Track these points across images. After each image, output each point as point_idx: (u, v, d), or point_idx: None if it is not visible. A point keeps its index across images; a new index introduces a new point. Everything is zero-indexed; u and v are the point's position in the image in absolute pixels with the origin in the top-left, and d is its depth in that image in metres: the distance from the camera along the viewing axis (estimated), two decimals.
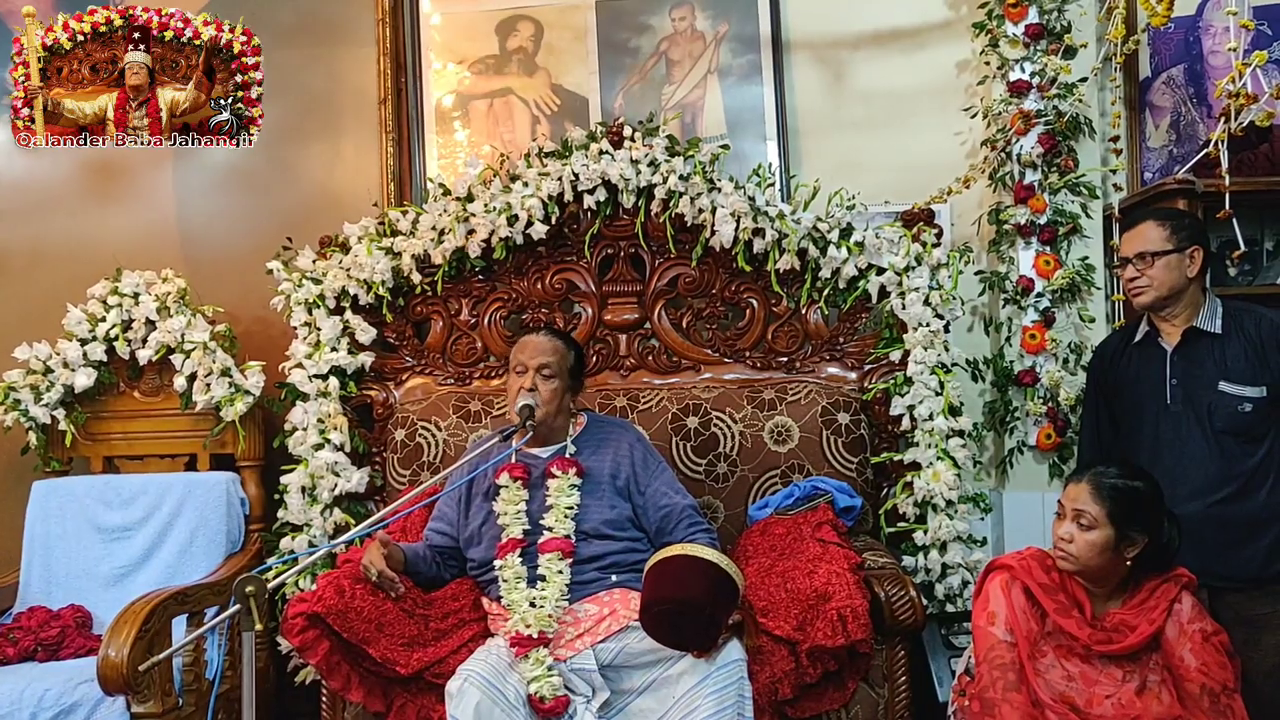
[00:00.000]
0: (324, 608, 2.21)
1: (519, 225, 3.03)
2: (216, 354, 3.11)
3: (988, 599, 2.22)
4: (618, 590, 2.37)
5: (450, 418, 3.00)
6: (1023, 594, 2.19)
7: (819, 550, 2.48)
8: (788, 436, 2.92)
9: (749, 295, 3.12)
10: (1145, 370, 2.51)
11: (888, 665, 2.36)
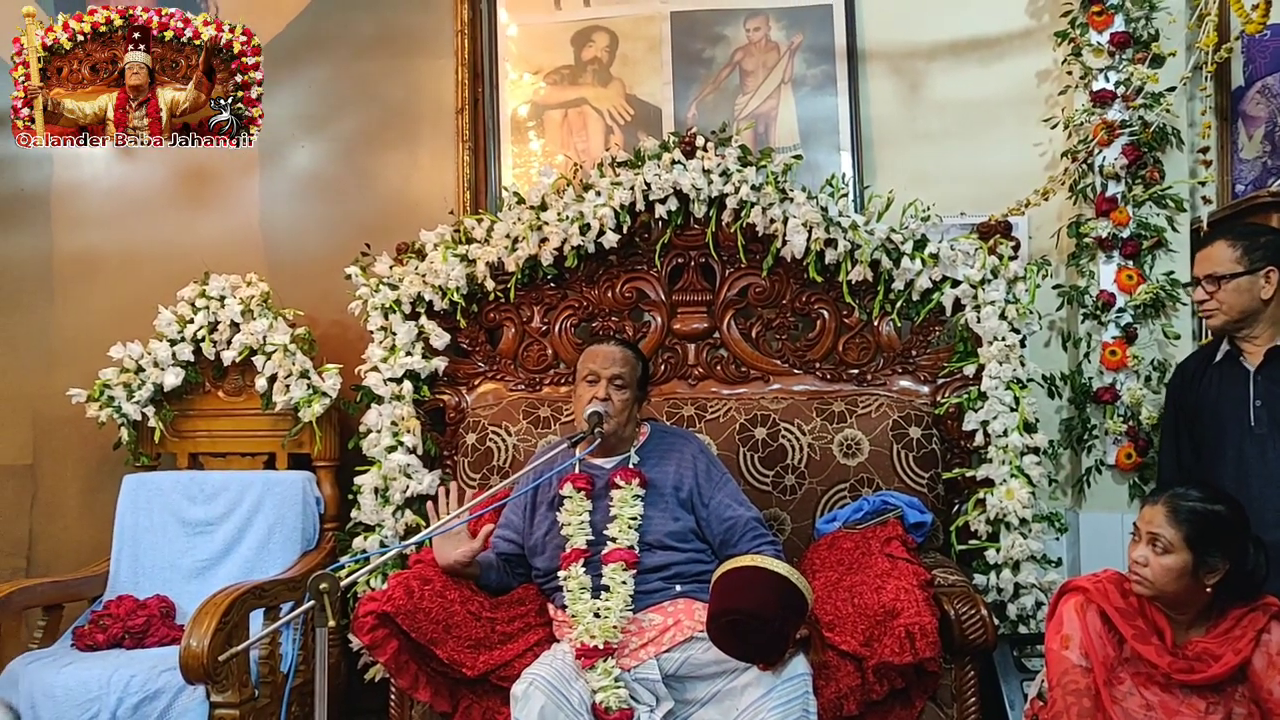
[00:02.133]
0: (393, 607, 2.25)
1: (591, 234, 3.05)
2: (296, 356, 3.19)
3: (1061, 621, 2.16)
4: (682, 600, 2.37)
5: (520, 423, 3.04)
6: (1099, 618, 2.13)
7: (887, 566, 2.44)
8: (857, 450, 2.89)
9: (820, 306, 3.10)
10: (1227, 391, 2.43)
11: (957, 685, 2.32)
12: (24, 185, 3.66)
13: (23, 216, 3.66)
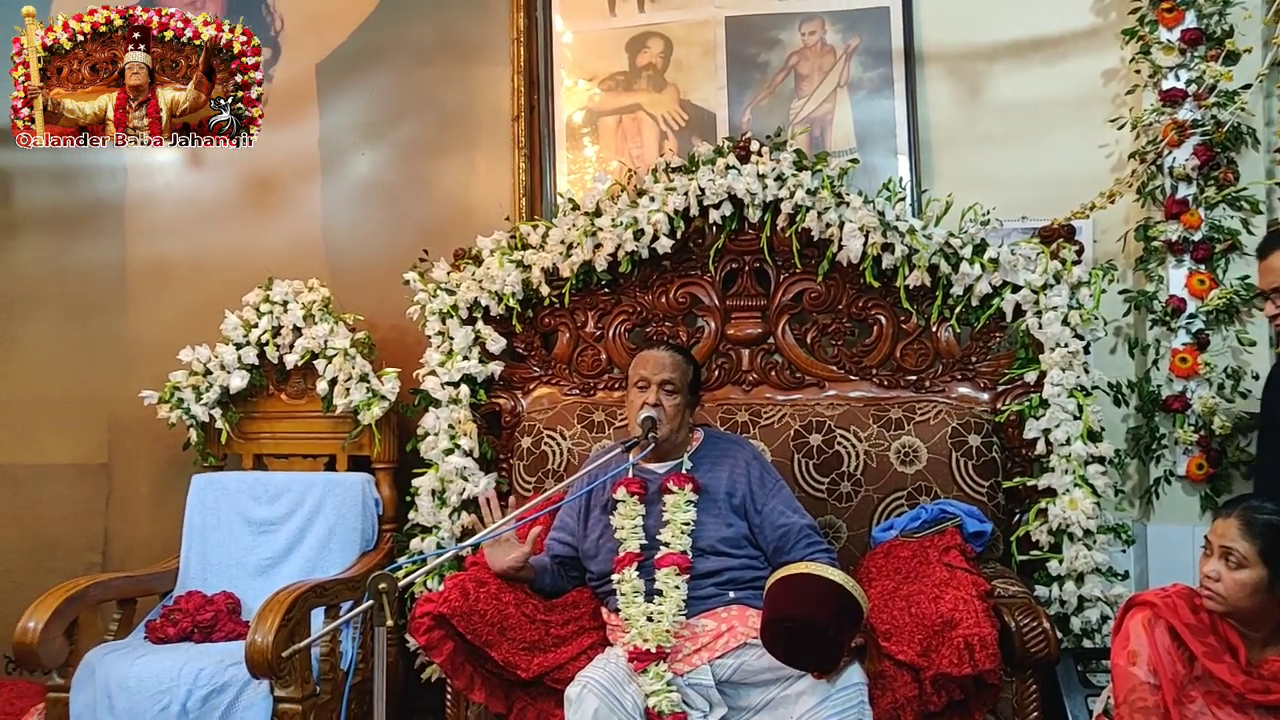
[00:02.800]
0: (449, 609, 2.27)
1: (645, 239, 3.06)
2: (356, 360, 3.25)
3: (1128, 637, 2.11)
4: (735, 606, 2.36)
5: (575, 427, 3.06)
6: (1168, 634, 2.07)
7: (946, 575, 2.41)
8: (915, 457, 2.85)
9: (877, 311, 3.07)
10: None
11: (1018, 699, 2.27)
12: (100, 195, 3.78)
13: (99, 226, 3.79)
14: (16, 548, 3.76)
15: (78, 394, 3.76)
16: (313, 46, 3.66)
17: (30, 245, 3.83)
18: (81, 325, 3.78)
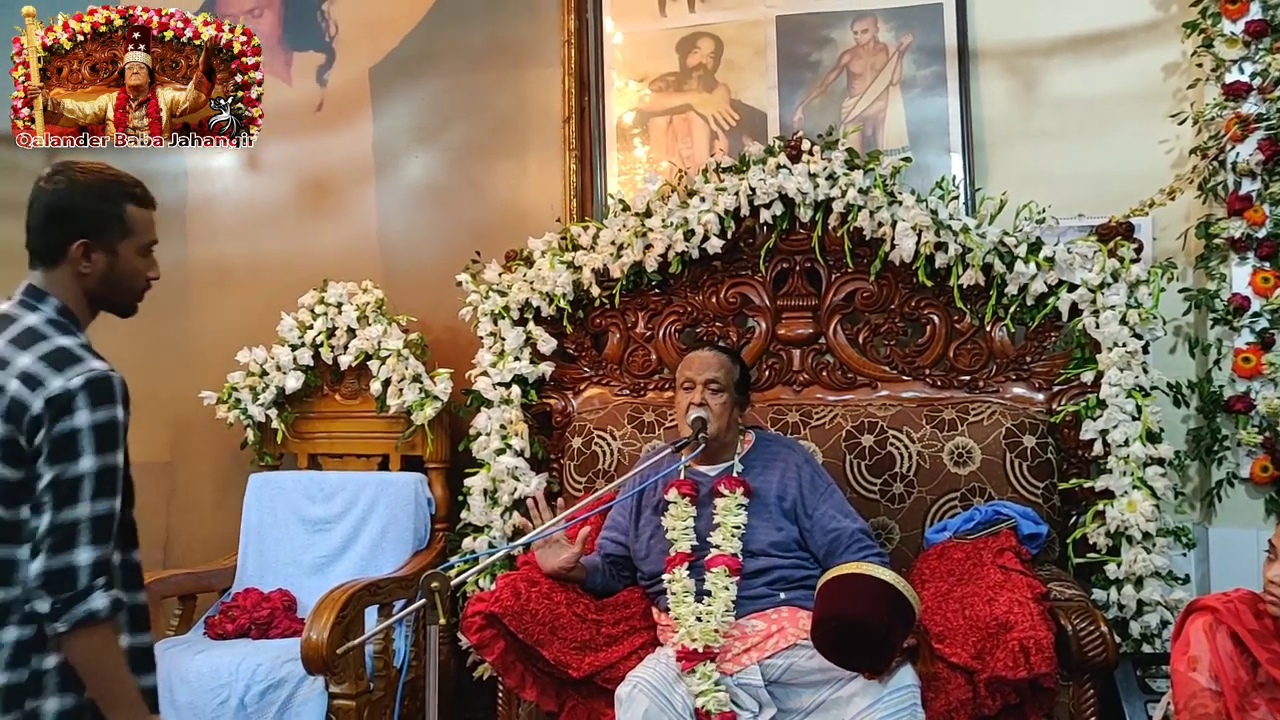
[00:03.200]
0: (501, 608, 2.30)
1: (695, 240, 3.06)
2: (409, 361, 3.28)
3: (1188, 642, 2.06)
4: (786, 608, 2.36)
5: (625, 427, 3.06)
6: (1230, 639, 2.02)
7: (1000, 577, 2.38)
8: (969, 458, 2.81)
9: (930, 311, 3.03)
10: None
11: (1075, 704, 2.24)
12: (162, 200, 3.75)
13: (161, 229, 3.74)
14: None
15: (142, 394, 3.76)
16: (366, 51, 3.70)
17: None
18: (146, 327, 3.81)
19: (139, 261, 1.79)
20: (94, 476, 1.58)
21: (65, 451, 1.57)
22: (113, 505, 1.60)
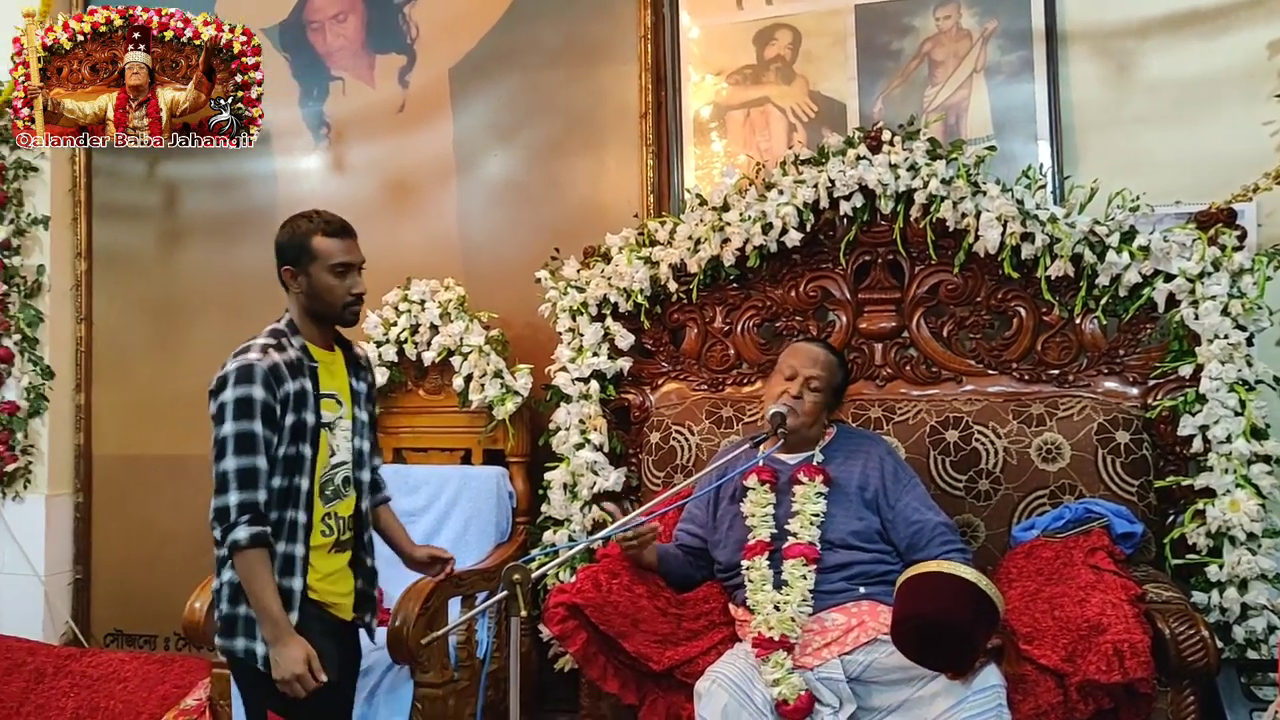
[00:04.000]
0: (582, 600, 2.32)
1: (773, 233, 3.03)
2: (490, 357, 3.33)
3: None
4: (866, 602, 2.32)
5: (703, 422, 3.06)
6: None
7: (1092, 578, 2.31)
8: (1058, 454, 2.73)
9: (1016, 303, 2.95)
10: None
11: (1173, 710, 2.16)
12: (254, 202, 3.99)
13: (254, 230, 3.98)
14: (186, 532, 4.00)
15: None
16: (446, 52, 3.75)
17: (195, 251, 4.08)
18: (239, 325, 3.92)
19: (331, 279, 2.23)
20: (235, 439, 2.07)
21: (216, 420, 2.11)
22: (252, 462, 2.07)
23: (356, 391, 2.34)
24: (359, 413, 2.33)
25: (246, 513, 2.06)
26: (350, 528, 2.29)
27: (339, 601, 2.27)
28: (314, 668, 2.08)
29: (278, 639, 2.07)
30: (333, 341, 2.33)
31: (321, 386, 2.23)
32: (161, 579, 3.98)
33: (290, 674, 2.05)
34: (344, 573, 2.28)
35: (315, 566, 2.19)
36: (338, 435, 2.26)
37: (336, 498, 2.25)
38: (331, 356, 2.31)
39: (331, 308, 2.26)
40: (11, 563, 4.01)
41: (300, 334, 2.26)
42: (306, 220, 2.27)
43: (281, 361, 2.15)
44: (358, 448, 2.30)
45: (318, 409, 2.19)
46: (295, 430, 2.14)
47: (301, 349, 2.22)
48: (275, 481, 2.12)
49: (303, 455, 2.15)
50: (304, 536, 2.15)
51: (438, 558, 2.41)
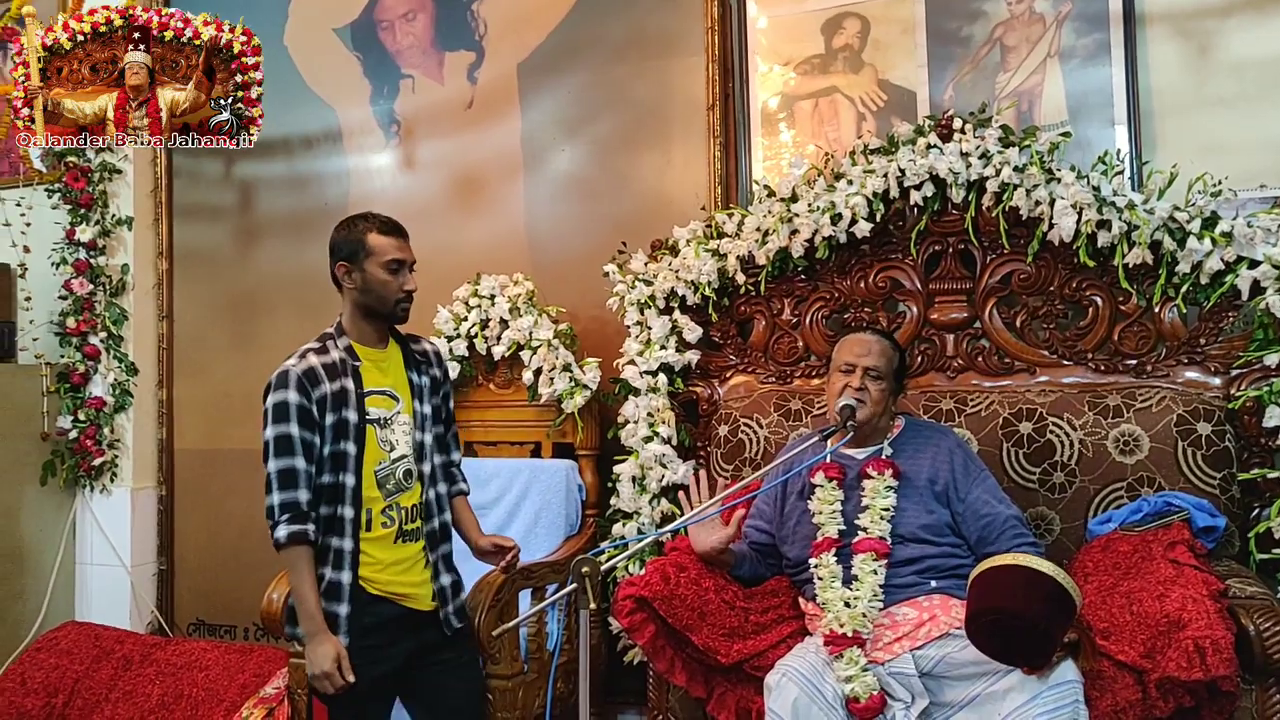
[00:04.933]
0: (651, 592, 2.33)
1: (842, 224, 3.01)
2: (559, 351, 3.36)
3: None
4: (937, 596, 2.30)
5: (771, 415, 3.05)
6: None
7: (1172, 572, 2.25)
8: (1135, 446, 2.67)
9: (1092, 292, 2.89)
10: None
11: (1258, 709, 2.10)
12: (327, 200, 4.08)
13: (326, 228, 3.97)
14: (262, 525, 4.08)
15: None
16: (513, 48, 3.79)
17: (271, 248, 4.19)
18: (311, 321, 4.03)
19: (385, 275, 2.32)
20: (273, 443, 2.19)
21: (262, 425, 2.22)
22: (290, 463, 2.18)
23: (417, 386, 2.39)
24: (420, 407, 2.37)
25: (286, 512, 2.18)
26: (418, 518, 2.34)
27: (411, 592, 2.32)
28: (343, 667, 2.15)
29: (311, 635, 2.18)
30: (386, 338, 2.39)
31: (367, 384, 2.30)
32: (240, 570, 4.11)
33: (319, 670, 2.14)
34: (414, 563, 2.33)
35: (374, 558, 2.26)
36: (395, 430, 2.31)
37: (398, 491, 2.31)
38: (383, 354, 2.37)
39: (384, 303, 2.34)
40: (100, 554, 4.17)
41: (347, 335, 2.35)
42: (362, 219, 2.37)
43: (319, 364, 2.26)
44: (419, 440, 2.35)
45: (361, 406, 2.26)
46: (337, 429, 2.23)
47: (346, 349, 2.31)
48: (324, 479, 2.22)
49: (346, 452, 2.23)
50: (352, 531, 2.23)
51: (501, 546, 2.45)
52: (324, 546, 2.22)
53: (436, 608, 2.36)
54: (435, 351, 2.52)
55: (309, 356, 2.27)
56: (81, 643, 3.57)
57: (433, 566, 2.36)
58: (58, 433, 4.08)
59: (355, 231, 2.35)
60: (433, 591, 2.35)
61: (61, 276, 4.09)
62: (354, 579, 2.22)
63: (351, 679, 2.16)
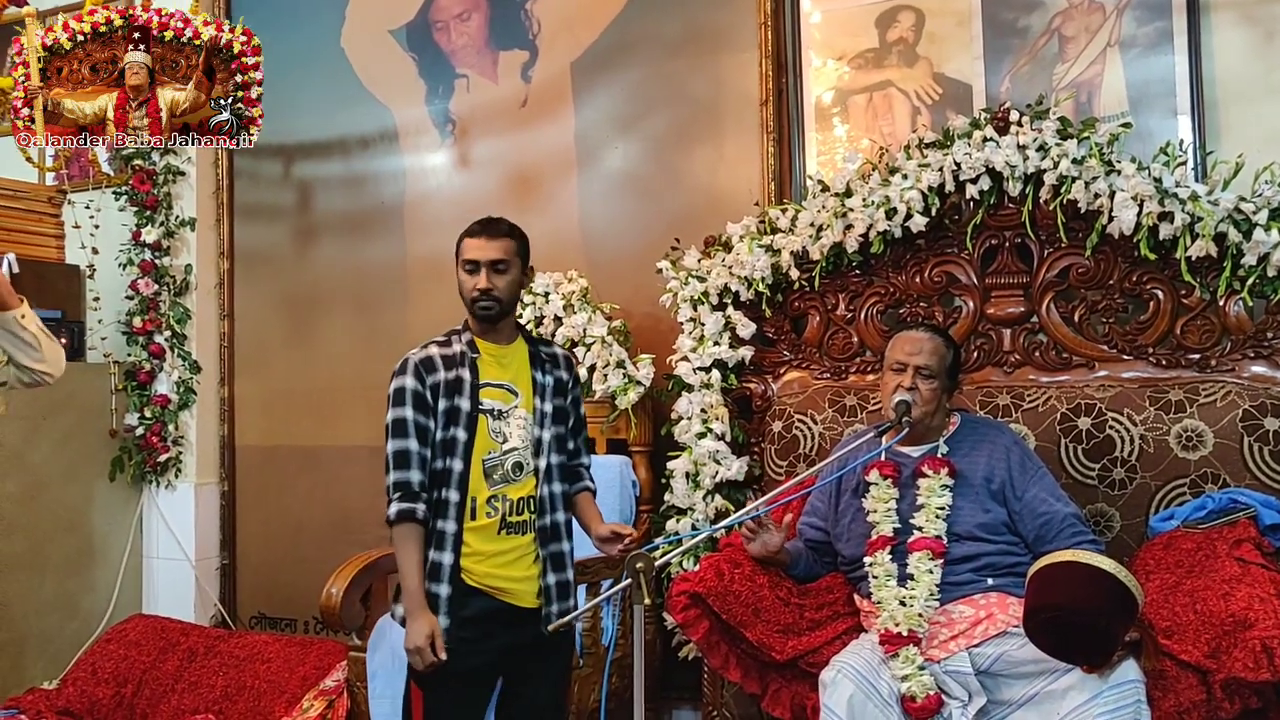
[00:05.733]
0: (705, 588, 2.34)
1: (897, 218, 2.99)
2: (613, 347, 3.37)
3: None
4: (994, 594, 2.28)
5: (826, 411, 3.04)
6: None
7: (1237, 570, 2.21)
8: (1199, 442, 2.63)
9: (1152, 286, 2.84)
10: None
11: None
12: (384, 199, 4.15)
13: (383, 227, 4.14)
14: (321, 521, 4.20)
15: (367, 381, 4.12)
16: (567, 46, 3.81)
17: (328, 247, 4.26)
18: (370, 319, 4.16)
19: (462, 274, 2.41)
20: (391, 426, 2.31)
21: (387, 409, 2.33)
22: (404, 445, 2.29)
23: (540, 384, 2.42)
24: (541, 404, 2.41)
25: (399, 490, 2.28)
26: (526, 511, 2.37)
27: (514, 587, 2.34)
28: (435, 644, 2.21)
29: (410, 611, 2.26)
30: (513, 336, 2.46)
31: (484, 376, 2.36)
32: (299, 565, 4.18)
33: (413, 645, 2.22)
34: (521, 556, 2.35)
35: (474, 547, 2.30)
36: (511, 423, 2.36)
37: (505, 481, 2.34)
38: (505, 350, 2.42)
39: (466, 303, 2.41)
40: (165, 548, 4.28)
41: (470, 330, 2.43)
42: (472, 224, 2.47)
43: (438, 354, 2.35)
44: (536, 436, 2.39)
45: (474, 396, 2.33)
46: (449, 415, 2.31)
47: (468, 343, 2.39)
48: (435, 464, 2.31)
49: (456, 439, 2.30)
50: (455, 515, 2.30)
51: (619, 533, 2.42)
52: (430, 529, 2.30)
53: (540, 605, 2.36)
54: (566, 356, 2.54)
55: (430, 347, 2.37)
56: (148, 634, 3.67)
57: (541, 563, 2.37)
58: (125, 430, 4.19)
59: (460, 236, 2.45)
60: (538, 589, 2.36)
61: (128, 277, 4.19)
62: (455, 561, 2.28)
63: (443, 656, 2.21)
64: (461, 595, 2.28)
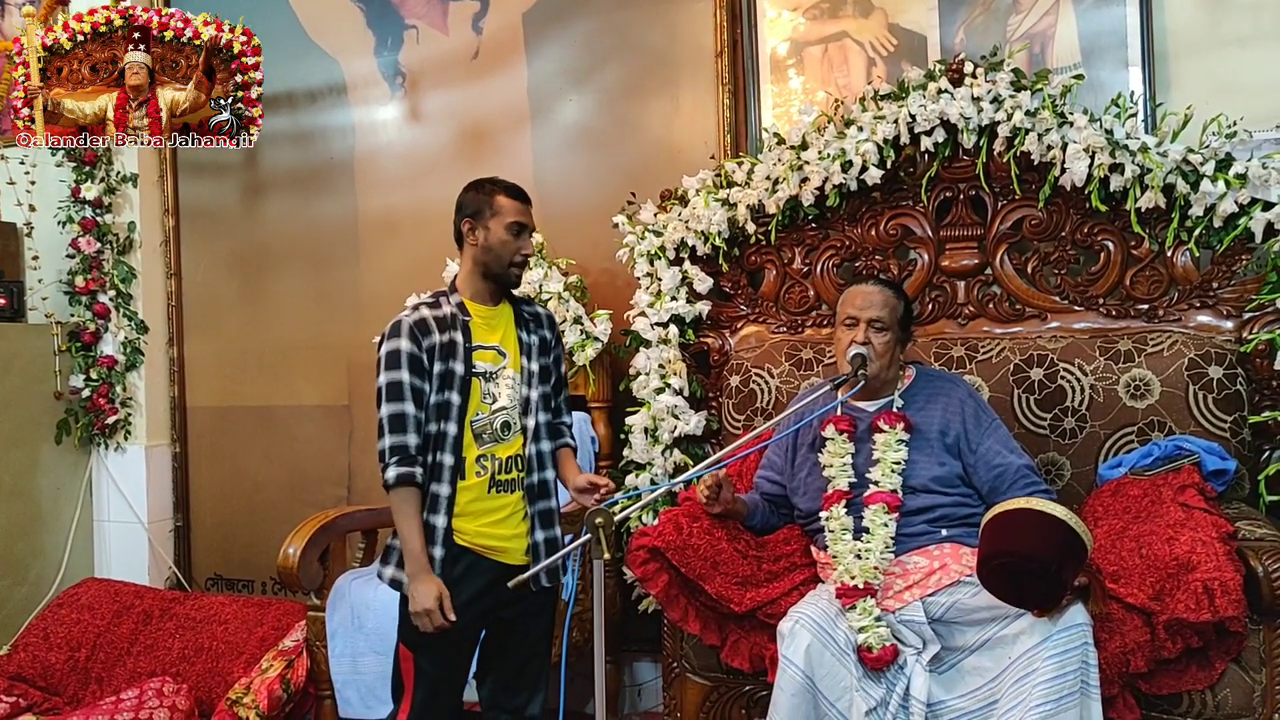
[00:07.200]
0: (664, 542, 2.36)
1: (853, 171, 2.99)
2: (570, 303, 3.35)
3: None
4: (948, 545, 2.32)
5: (783, 365, 3.06)
6: None
7: (1181, 515, 2.27)
8: (1146, 391, 2.68)
9: (1103, 237, 2.88)
10: None
11: (1265, 649, 2.12)
12: (333, 154, 4.06)
13: (333, 183, 4.06)
14: (276, 481, 4.16)
15: (320, 341, 4.09)
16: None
17: (277, 204, 4.17)
18: (321, 277, 4.09)
19: (506, 235, 2.37)
20: (385, 389, 2.27)
21: (376, 372, 2.30)
22: (400, 408, 2.25)
23: (526, 344, 2.43)
24: (529, 364, 2.41)
25: (395, 454, 2.25)
26: (514, 469, 2.38)
27: (503, 545, 2.35)
28: (444, 606, 2.22)
29: (415, 575, 2.25)
30: (499, 297, 2.43)
31: (476, 338, 2.35)
32: (256, 525, 4.16)
33: (421, 607, 2.21)
34: (510, 514, 2.36)
35: (465, 507, 2.30)
36: (500, 384, 2.36)
37: (494, 441, 2.34)
38: (494, 311, 2.41)
39: (500, 263, 2.38)
40: (117, 511, 4.22)
41: (459, 292, 2.41)
42: (490, 182, 2.43)
43: (430, 316, 2.33)
44: (525, 396, 2.39)
45: (468, 359, 2.32)
46: (443, 378, 2.29)
47: (458, 305, 2.37)
48: (431, 428, 2.29)
49: (450, 402, 2.29)
50: (450, 478, 2.29)
51: (595, 483, 2.43)
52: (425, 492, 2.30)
53: (529, 563, 2.37)
54: (548, 315, 2.54)
55: (421, 309, 2.34)
56: (102, 598, 3.63)
57: (529, 520, 2.39)
58: (70, 392, 4.10)
59: (484, 191, 2.41)
60: (527, 546, 2.38)
61: (68, 235, 4.08)
62: (448, 524, 2.28)
63: (453, 618, 2.22)
64: (452, 558, 2.28)
